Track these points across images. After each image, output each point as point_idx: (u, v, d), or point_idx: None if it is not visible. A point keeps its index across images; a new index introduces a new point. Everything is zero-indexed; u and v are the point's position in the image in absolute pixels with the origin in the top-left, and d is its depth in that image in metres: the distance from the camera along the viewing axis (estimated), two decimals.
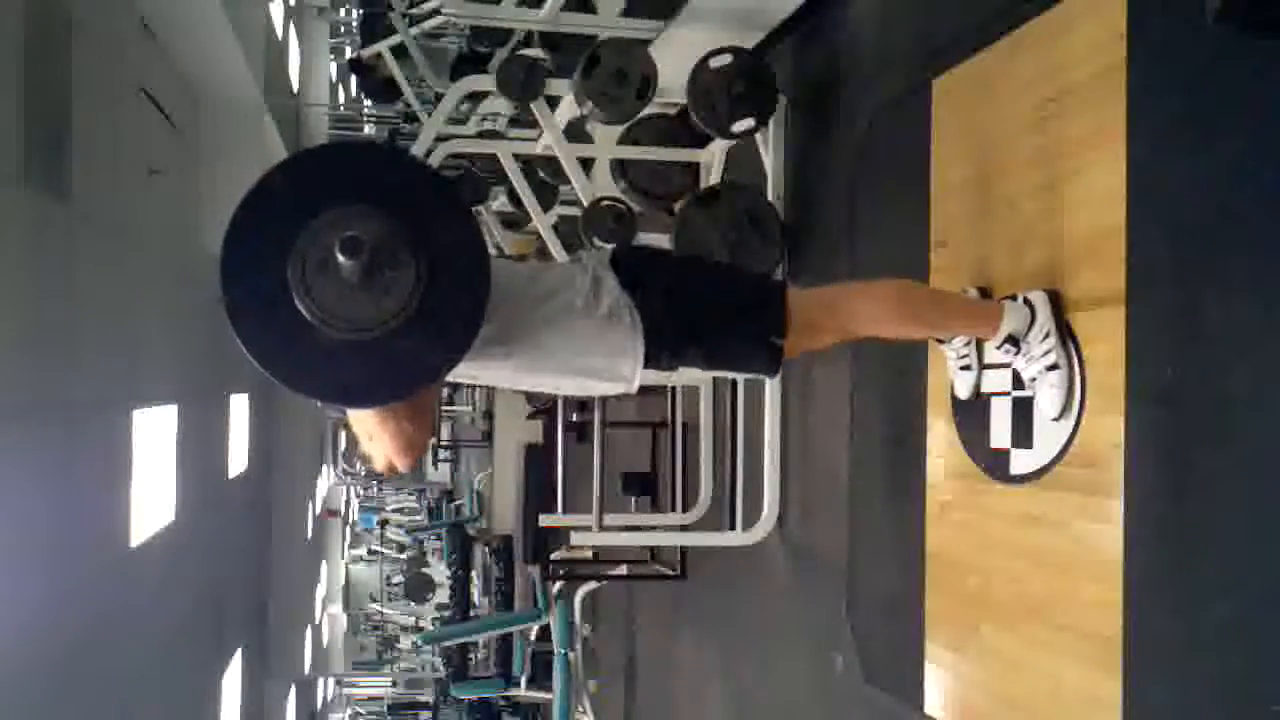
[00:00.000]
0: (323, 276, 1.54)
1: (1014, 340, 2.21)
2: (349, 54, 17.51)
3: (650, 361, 1.98)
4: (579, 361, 1.95)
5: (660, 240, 4.37)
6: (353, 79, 21.56)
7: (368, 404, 1.75)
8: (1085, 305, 2.11)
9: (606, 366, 1.97)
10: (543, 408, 9.61)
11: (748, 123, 3.48)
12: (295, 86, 11.76)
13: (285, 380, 1.62)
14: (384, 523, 27.01)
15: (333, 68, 15.94)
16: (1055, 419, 2.15)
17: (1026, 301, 2.20)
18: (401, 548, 25.92)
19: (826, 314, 2.12)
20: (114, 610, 6.15)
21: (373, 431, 1.86)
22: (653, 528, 4.87)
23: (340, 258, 1.50)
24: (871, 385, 3.10)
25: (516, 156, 5.20)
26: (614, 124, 4.00)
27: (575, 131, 4.44)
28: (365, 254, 1.50)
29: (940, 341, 2.44)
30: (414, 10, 7.43)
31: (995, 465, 2.41)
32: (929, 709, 2.66)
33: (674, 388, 4.96)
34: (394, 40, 8.07)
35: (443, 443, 19.27)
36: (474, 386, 19.41)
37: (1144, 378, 1.96)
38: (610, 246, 2.06)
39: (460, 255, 1.63)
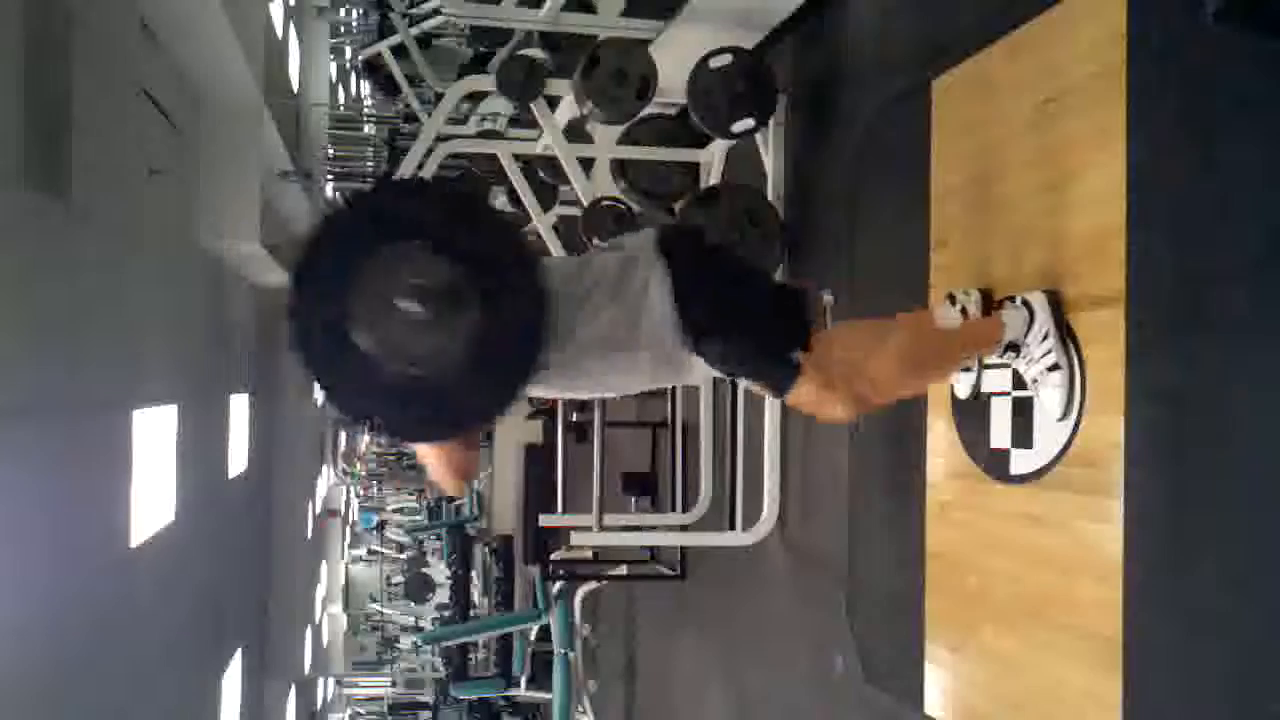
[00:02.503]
0: (389, 317, 1.56)
1: (1013, 346, 2.22)
2: (349, 54, 17.52)
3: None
4: (620, 360, 1.91)
5: None
6: (358, 76, 21.55)
7: (428, 440, 1.79)
8: (1085, 305, 2.12)
9: (651, 361, 1.93)
10: (543, 408, 9.61)
11: (748, 123, 3.48)
12: (295, 86, 11.74)
13: (352, 414, 1.66)
14: (383, 524, 27.04)
15: (333, 68, 15.93)
16: (1060, 419, 2.15)
17: (1025, 303, 2.20)
18: (401, 548, 25.93)
19: (844, 346, 2.08)
20: (114, 610, 6.14)
21: (425, 457, 1.90)
22: (653, 528, 4.87)
23: (408, 304, 1.52)
24: None
25: (516, 156, 5.20)
26: (614, 124, 4.00)
27: (575, 131, 4.44)
28: (433, 299, 1.53)
29: None
30: (414, 10, 7.43)
31: (995, 465, 2.41)
32: (929, 709, 2.66)
33: (674, 387, 4.96)
34: (394, 40, 8.09)
35: None
36: None
37: (1144, 378, 1.96)
38: (653, 229, 2.02)
39: (521, 299, 1.64)
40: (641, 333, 1.87)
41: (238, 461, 10.45)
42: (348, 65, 19.54)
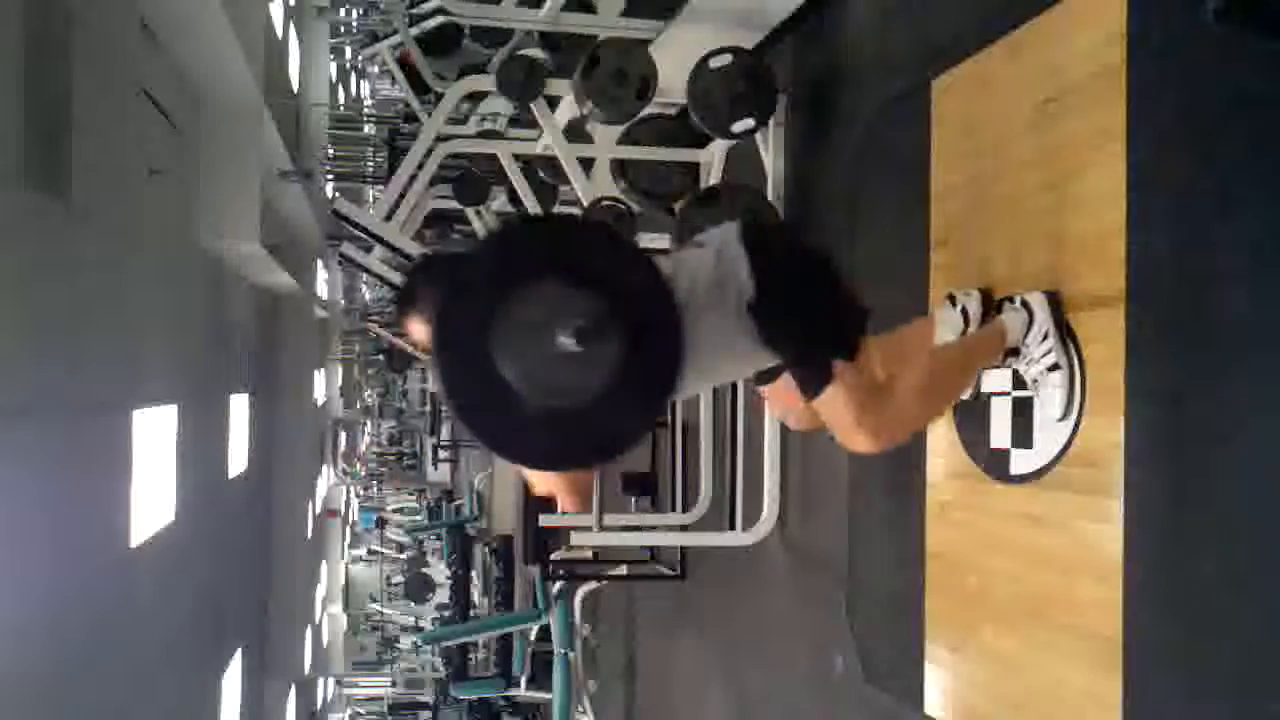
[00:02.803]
0: (537, 352, 1.57)
1: (1013, 350, 2.22)
2: (349, 54, 17.51)
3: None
4: (715, 356, 1.92)
5: (661, 240, 4.37)
6: (358, 76, 21.49)
7: (571, 468, 1.82)
8: (1085, 305, 2.12)
9: (742, 359, 1.95)
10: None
11: (748, 123, 3.48)
12: (295, 86, 11.74)
13: (496, 446, 1.68)
14: (383, 521, 27.04)
15: (333, 68, 15.93)
16: (1060, 419, 2.15)
17: (1024, 304, 2.20)
18: (401, 548, 25.92)
19: (889, 357, 2.10)
20: (114, 610, 6.14)
21: (544, 480, 1.93)
22: (653, 528, 4.87)
23: (564, 338, 1.54)
24: None
25: (516, 156, 5.20)
26: (614, 124, 4.00)
27: (575, 131, 4.44)
28: (586, 333, 1.55)
29: None
30: (414, 10, 7.43)
31: (995, 465, 2.41)
32: (929, 709, 2.66)
33: None
34: (395, 39, 8.08)
35: (442, 442, 19.29)
36: None
37: (1144, 377, 1.96)
38: (736, 222, 2.01)
39: (662, 323, 1.66)
40: (740, 326, 1.90)
41: (238, 461, 10.45)
42: (348, 65, 19.54)
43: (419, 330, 2.07)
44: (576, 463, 1.77)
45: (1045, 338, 2.15)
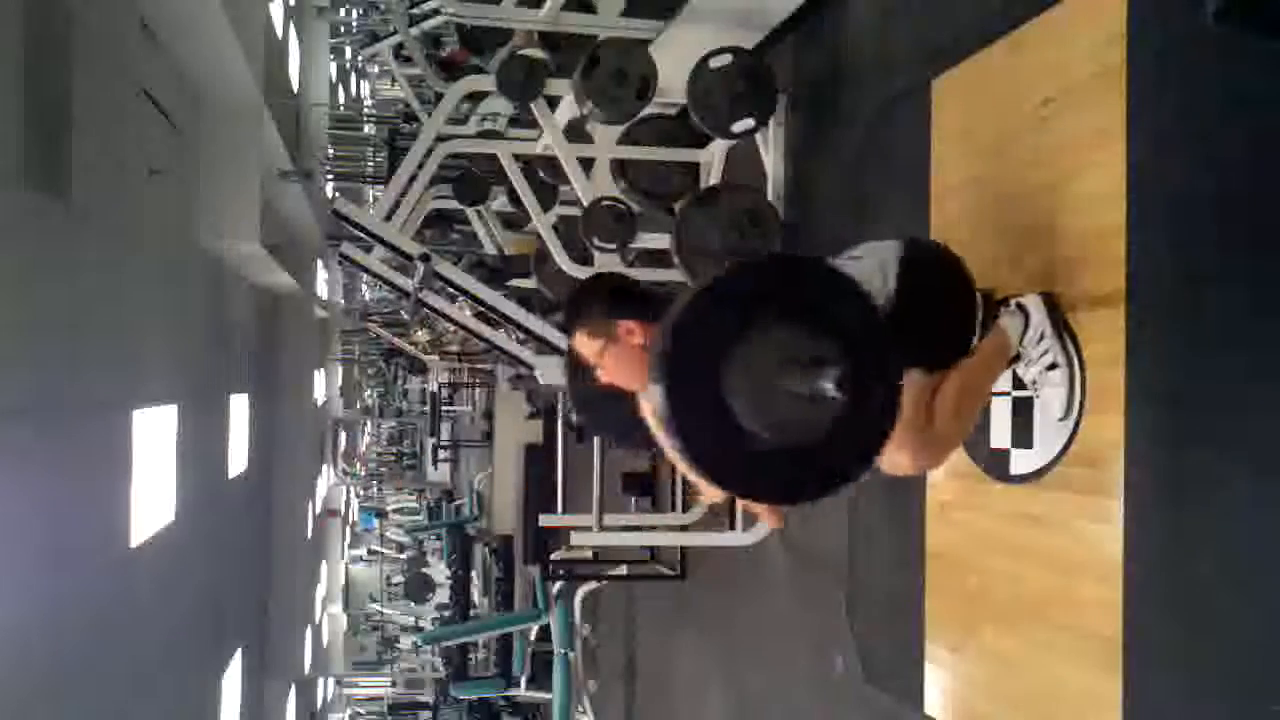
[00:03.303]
0: (767, 389, 1.58)
1: (1014, 357, 2.21)
2: (349, 54, 17.51)
3: None
4: None
5: (660, 240, 4.36)
6: (358, 76, 21.50)
7: (802, 503, 1.84)
8: (1085, 305, 2.11)
9: None
10: (543, 408, 9.60)
11: (748, 123, 3.48)
12: (295, 86, 11.73)
13: (722, 481, 1.69)
14: (382, 515, 27.05)
15: (333, 68, 15.93)
16: (1061, 418, 2.14)
17: (1019, 306, 2.19)
18: (401, 548, 25.93)
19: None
20: (114, 610, 6.14)
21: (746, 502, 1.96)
22: (652, 528, 4.87)
23: (825, 384, 1.55)
24: None
25: (516, 156, 5.19)
26: (614, 124, 4.00)
27: (575, 131, 4.44)
28: (846, 383, 1.55)
29: None
30: (414, 10, 7.42)
31: (995, 465, 2.41)
32: (929, 709, 2.66)
33: None
34: (395, 39, 8.08)
35: (442, 442, 19.29)
36: (474, 386, 19.42)
37: (1144, 376, 1.96)
38: (900, 238, 2.04)
39: (879, 360, 1.67)
40: None
41: (238, 461, 10.45)
42: (348, 65, 19.55)
43: (586, 345, 2.11)
44: (809, 498, 1.78)
45: (1042, 338, 2.15)
